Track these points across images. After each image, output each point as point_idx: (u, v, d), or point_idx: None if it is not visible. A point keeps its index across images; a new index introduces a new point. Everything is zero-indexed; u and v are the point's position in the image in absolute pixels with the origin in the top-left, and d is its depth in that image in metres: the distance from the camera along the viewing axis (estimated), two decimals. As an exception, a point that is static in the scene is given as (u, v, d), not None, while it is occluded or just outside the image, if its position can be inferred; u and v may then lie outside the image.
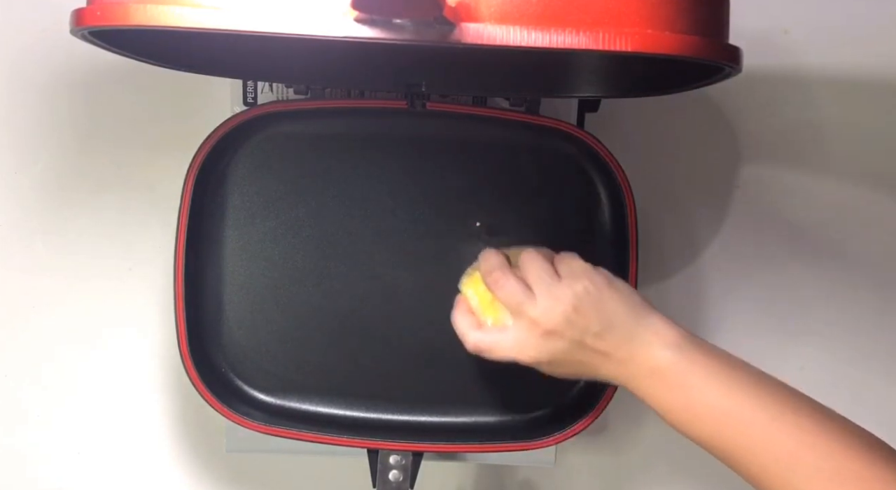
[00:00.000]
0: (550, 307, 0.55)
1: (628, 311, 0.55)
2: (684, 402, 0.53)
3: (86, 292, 0.76)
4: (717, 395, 0.52)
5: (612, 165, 0.67)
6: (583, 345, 0.55)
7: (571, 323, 0.55)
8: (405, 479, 0.65)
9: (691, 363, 0.53)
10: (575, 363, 0.56)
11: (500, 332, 0.58)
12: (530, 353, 0.56)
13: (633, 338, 0.54)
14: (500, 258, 0.60)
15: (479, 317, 0.60)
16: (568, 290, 0.55)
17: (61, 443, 0.77)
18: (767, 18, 0.75)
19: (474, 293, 0.61)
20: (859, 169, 0.77)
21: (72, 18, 0.47)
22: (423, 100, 0.66)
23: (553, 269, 0.57)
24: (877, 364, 0.79)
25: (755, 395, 0.52)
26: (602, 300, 0.55)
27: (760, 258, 0.77)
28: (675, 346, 0.53)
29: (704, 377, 0.52)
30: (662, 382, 0.53)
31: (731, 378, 0.52)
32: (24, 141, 0.74)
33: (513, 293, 0.57)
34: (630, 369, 0.54)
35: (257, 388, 0.69)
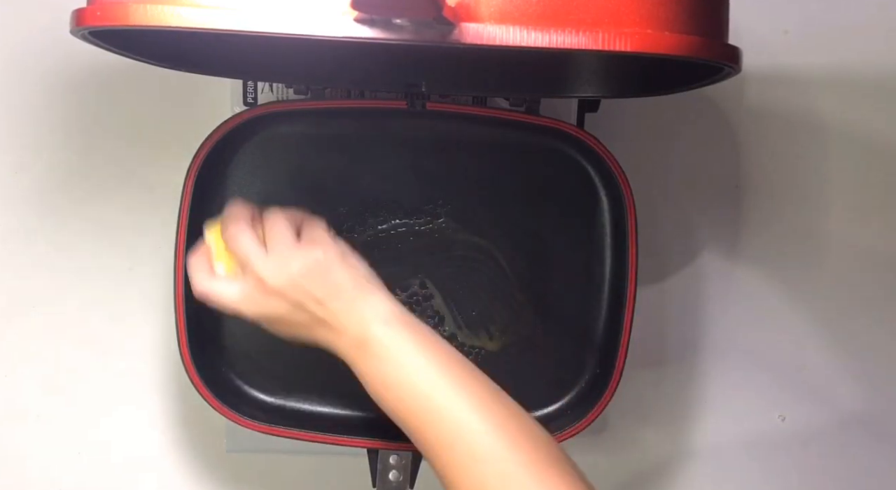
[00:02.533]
0: (278, 268, 0.56)
1: (353, 285, 0.57)
2: (382, 373, 0.55)
3: (86, 292, 0.76)
4: (409, 367, 0.55)
5: (612, 165, 0.67)
6: (303, 309, 0.56)
7: (296, 286, 0.56)
8: (405, 479, 0.65)
9: (394, 337, 0.55)
10: (294, 325, 0.58)
11: (228, 283, 0.58)
12: (251, 309, 0.58)
13: (350, 310, 0.56)
14: (246, 210, 0.60)
15: (212, 264, 0.59)
16: (301, 254, 0.57)
17: (61, 443, 0.77)
18: (767, 18, 0.75)
19: (213, 239, 0.60)
20: (859, 169, 0.77)
21: (72, 18, 0.47)
22: (423, 100, 0.66)
23: (294, 231, 0.58)
24: (877, 363, 0.79)
25: (443, 372, 0.54)
26: (331, 270, 0.57)
27: (760, 258, 0.78)
28: (385, 321, 0.56)
29: (402, 350, 0.55)
30: (367, 354, 0.55)
31: (427, 353, 0.55)
32: (24, 141, 0.74)
33: (245, 247, 0.58)
34: (343, 339, 0.56)
35: (257, 388, 0.69)
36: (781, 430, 0.79)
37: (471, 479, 0.51)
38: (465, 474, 0.51)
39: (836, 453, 0.79)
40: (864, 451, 0.79)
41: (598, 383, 0.68)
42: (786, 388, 0.79)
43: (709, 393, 0.79)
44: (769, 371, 0.79)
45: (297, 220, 0.60)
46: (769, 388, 0.79)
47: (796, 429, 0.79)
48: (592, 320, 0.69)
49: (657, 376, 0.78)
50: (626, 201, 0.66)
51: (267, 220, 0.59)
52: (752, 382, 0.78)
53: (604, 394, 0.66)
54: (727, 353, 0.78)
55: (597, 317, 0.69)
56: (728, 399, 0.78)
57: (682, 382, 0.78)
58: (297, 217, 0.60)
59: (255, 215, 0.60)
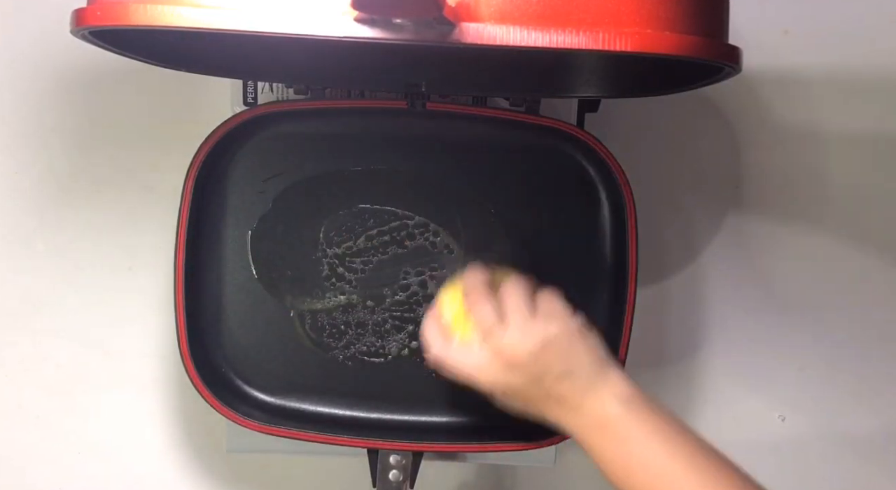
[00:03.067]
0: (519, 340, 0.56)
1: (591, 361, 0.56)
2: (624, 457, 0.54)
3: (86, 292, 0.76)
4: (655, 453, 0.53)
5: (612, 165, 0.67)
6: (540, 384, 0.56)
7: (535, 361, 0.55)
8: (405, 479, 0.65)
9: (636, 420, 0.54)
10: (529, 400, 0.57)
11: (465, 351, 0.58)
12: (488, 379, 0.57)
13: (588, 388, 0.55)
14: (484, 278, 0.60)
15: (448, 331, 0.59)
16: (541, 328, 0.56)
17: (61, 443, 0.77)
18: (767, 18, 0.75)
19: (450, 306, 0.60)
20: (859, 168, 0.77)
21: (72, 18, 0.47)
22: (423, 100, 0.66)
23: (532, 303, 0.58)
24: (877, 363, 0.79)
25: (690, 456, 0.53)
26: (570, 346, 0.56)
27: (760, 258, 0.77)
28: (625, 401, 0.55)
29: (646, 434, 0.54)
30: (606, 435, 0.54)
31: (670, 438, 0.54)
32: (24, 141, 0.74)
33: (487, 316, 0.57)
34: (579, 417, 0.55)
35: (257, 388, 0.69)
36: (781, 430, 0.79)
37: None
38: None
39: (836, 453, 0.79)
40: (864, 452, 0.79)
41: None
42: (786, 388, 0.79)
43: (708, 393, 0.79)
44: (769, 371, 0.79)
45: (531, 289, 0.59)
46: (769, 388, 0.79)
47: (796, 429, 0.79)
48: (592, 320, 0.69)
49: (657, 376, 0.78)
50: (626, 201, 0.66)
51: (505, 289, 0.58)
52: (752, 382, 0.78)
53: (604, 394, 0.66)
54: (727, 353, 0.78)
55: (597, 317, 0.69)
56: (728, 399, 0.78)
57: (681, 382, 0.78)
58: (531, 288, 0.59)
59: (490, 285, 0.60)
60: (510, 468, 0.79)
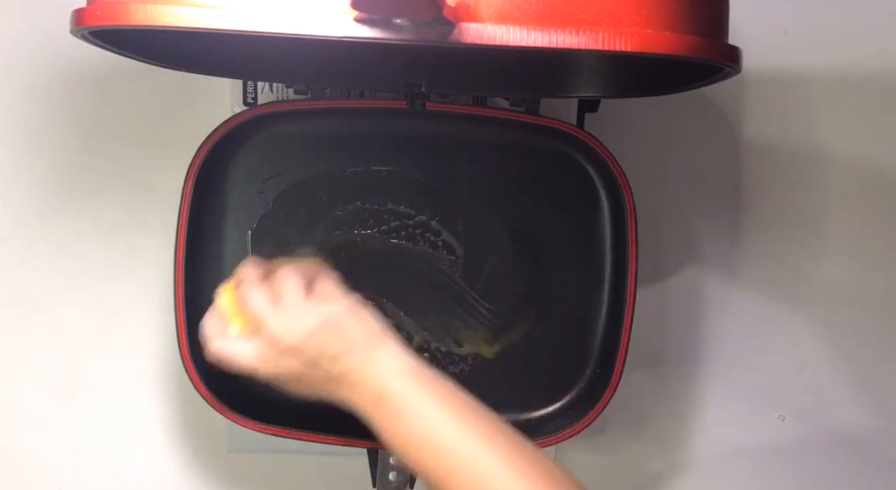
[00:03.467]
0: (291, 325, 0.55)
1: (366, 337, 0.56)
2: (402, 427, 0.54)
3: (86, 292, 0.76)
4: (429, 420, 0.53)
5: (612, 165, 0.67)
6: (317, 366, 0.55)
7: (309, 343, 0.55)
8: (405, 480, 0.65)
9: (413, 392, 0.54)
10: (311, 383, 0.56)
11: (242, 342, 0.57)
12: (267, 368, 0.57)
13: (366, 364, 0.55)
14: (257, 269, 0.60)
15: (225, 324, 0.59)
16: (313, 310, 0.56)
17: (61, 443, 0.77)
18: (767, 18, 0.74)
19: (226, 300, 0.59)
20: (859, 169, 0.77)
21: (72, 18, 0.47)
22: (423, 100, 0.66)
23: (304, 286, 0.57)
24: (876, 363, 0.79)
25: (463, 421, 0.53)
26: (344, 325, 0.56)
27: (760, 258, 0.77)
28: (402, 374, 0.54)
29: (421, 403, 0.54)
30: (385, 408, 0.54)
31: (446, 405, 0.54)
32: (24, 141, 0.74)
33: (257, 306, 0.57)
34: (359, 394, 0.55)
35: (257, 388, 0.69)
36: (781, 430, 0.79)
37: None
38: None
39: (837, 454, 0.79)
40: (864, 452, 0.79)
41: (598, 383, 0.68)
42: (786, 389, 0.79)
43: (708, 393, 0.78)
44: (769, 372, 0.78)
45: (309, 274, 0.59)
46: (769, 388, 0.79)
47: (796, 429, 0.79)
48: (592, 321, 0.69)
49: (657, 377, 0.78)
50: (626, 201, 0.66)
51: (279, 276, 0.58)
52: (752, 383, 0.78)
53: (604, 394, 0.66)
54: (727, 354, 0.78)
55: (597, 317, 0.69)
56: (728, 400, 0.78)
57: (681, 383, 0.78)
58: (309, 271, 0.59)
59: (267, 273, 0.59)
60: (510, 468, 0.79)
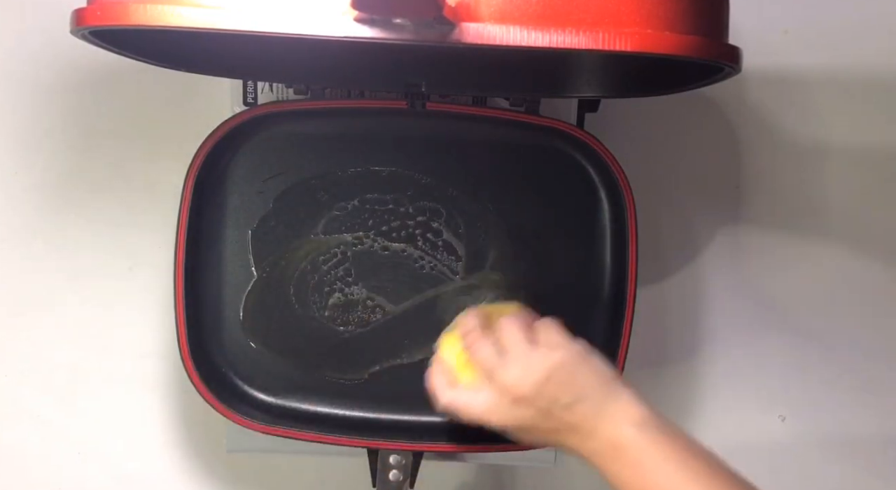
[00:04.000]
0: (522, 375, 0.55)
1: (599, 385, 0.55)
2: (640, 481, 0.53)
3: (86, 292, 0.76)
4: (671, 478, 0.52)
5: (612, 165, 0.67)
6: (550, 415, 0.55)
7: (541, 393, 0.55)
8: (405, 479, 0.65)
9: (651, 443, 0.53)
10: (543, 432, 0.56)
11: (473, 393, 0.57)
12: (499, 418, 0.56)
13: (599, 412, 0.54)
14: (478, 320, 0.60)
15: (453, 376, 0.59)
16: (542, 359, 0.56)
17: (61, 443, 0.77)
18: (767, 18, 0.75)
19: (451, 352, 0.60)
20: (859, 168, 0.77)
21: (72, 18, 0.47)
22: (423, 100, 0.66)
23: (530, 335, 0.57)
24: (876, 362, 0.79)
25: (706, 481, 0.52)
26: (575, 373, 0.55)
27: (760, 258, 0.77)
28: (639, 424, 0.54)
29: (662, 459, 0.53)
30: (621, 459, 0.53)
31: (687, 463, 0.53)
32: (23, 141, 0.74)
33: (487, 357, 0.57)
34: (594, 443, 0.54)
35: (257, 388, 0.69)
36: (781, 430, 0.79)
37: None
38: None
39: (837, 453, 0.79)
40: (864, 452, 0.79)
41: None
42: (786, 388, 0.79)
43: (709, 393, 0.78)
44: (769, 371, 0.78)
45: (529, 320, 0.59)
46: (769, 388, 0.79)
47: (796, 429, 0.79)
48: (592, 321, 0.69)
49: (657, 376, 0.78)
50: (626, 201, 0.66)
51: (502, 325, 0.58)
52: (752, 382, 0.78)
53: (604, 394, 0.66)
54: (727, 354, 0.78)
55: (597, 317, 0.69)
56: (728, 399, 0.78)
57: (682, 383, 0.78)
58: (528, 320, 0.59)
59: (486, 322, 0.59)
60: (510, 468, 0.79)
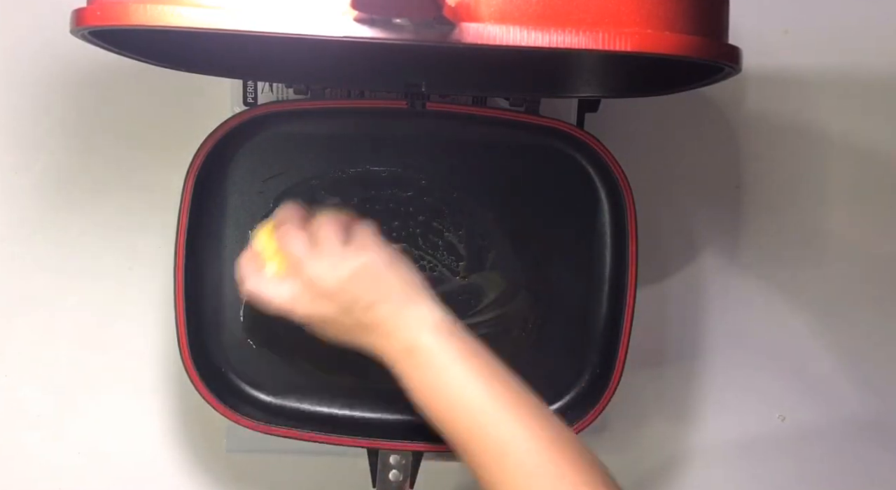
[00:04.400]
0: (328, 271, 0.57)
1: (401, 290, 0.57)
2: (428, 382, 0.55)
3: (86, 292, 0.76)
4: (457, 379, 0.54)
5: (612, 165, 0.67)
6: (351, 313, 0.56)
7: (344, 290, 0.56)
8: (405, 479, 0.65)
9: (442, 347, 0.55)
10: (342, 328, 0.58)
11: (277, 283, 0.58)
12: (300, 311, 0.58)
13: (398, 316, 0.56)
14: (298, 212, 0.61)
15: (261, 264, 0.60)
16: (350, 258, 0.57)
17: (61, 443, 0.77)
18: (767, 18, 0.75)
19: (262, 241, 0.61)
20: (859, 168, 0.77)
21: (72, 18, 0.47)
22: (423, 100, 0.66)
23: (344, 234, 0.58)
24: (877, 362, 0.79)
25: (490, 384, 0.54)
26: (380, 276, 0.57)
27: (760, 258, 0.78)
28: (433, 329, 0.56)
29: (450, 360, 0.55)
30: (414, 361, 0.55)
31: (474, 366, 0.55)
32: (23, 141, 0.74)
33: (296, 248, 0.58)
34: (390, 344, 0.56)
35: (257, 388, 0.69)
36: (781, 430, 0.79)
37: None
38: (513, 488, 0.51)
39: (837, 453, 0.79)
40: (865, 451, 0.79)
41: (598, 383, 0.68)
42: (786, 388, 0.79)
43: (709, 393, 0.79)
44: (769, 371, 0.78)
45: (347, 224, 0.60)
46: (769, 388, 0.79)
47: (796, 429, 0.79)
48: (592, 320, 0.69)
49: (657, 376, 0.78)
50: (626, 201, 0.66)
51: (319, 221, 0.59)
52: (752, 382, 0.78)
53: (604, 394, 0.66)
54: (727, 353, 0.78)
55: (597, 317, 0.69)
56: (728, 399, 0.78)
57: (682, 382, 0.78)
58: (347, 221, 0.60)
59: (305, 218, 0.60)
60: (510, 468, 0.79)
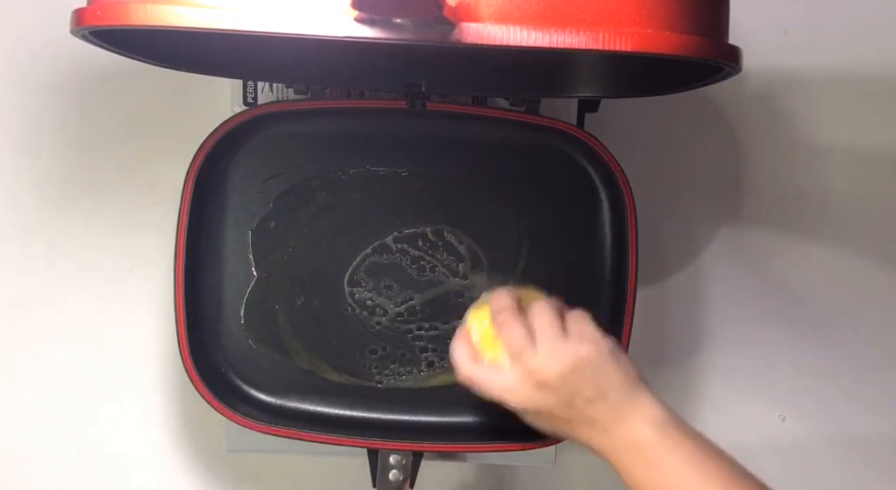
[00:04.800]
0: (550, 362, 0.56)
1: (623, 383, 0.56)
2: (656, 483, 0.53)
3: (86, 292, 0.76)
4: (688, 481, 0.53)
5: (612, 165, 0.67)
6: (571, 406, 0.55)
7: (566, 382, 0.55)
8: (405, 479, 0.65)
9: (671, 445, 0.54)
10: (559, 421, 0.57)
11: (495, 371, 0.58)
12: (519, 400, 0.57)
13: (620, 410, 0.55)
14: (512, 300, 0.60)
15: (477, 351, 0.59)
16: (572, 349, 0.56)
17: (61, 443, 0.77)
18: (767, 18, 0.75)
19: (478, 327, 0.60)
20: (859, 168, 0.77)
21: (72, 18, 0.47)
22: (423, 100, 0.66)
23: (561, 323, 0.58)
24: (877, 362, 0.79)
25: (721, 480, 0.52)
26: (602, 368, 0.56)
27: (760, 258, 0.78)
28: (659, 425, 0.54)
29: (681, 461, 0.53)
30: (640, 459, 0.54)
31: (706, 466, 0.53)
32: (23, 141, 0.74)
33: (517, 338, 0.57)
34: (611, 440, 0.55)
35: (257, 388, 0.69)
36: (781, 430, 0.79)
37: None
38: None
39: (837, 454, 0.79)
40: (864, 451, 0.79)
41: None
42: (786, 388, 0.79)
43: (709, 393, 0.79)
44: (769, 371, 0.79)
45: (560, 309, 0.59)
46: (769, 388, 0.79)
47: (796, 429, 0.79)
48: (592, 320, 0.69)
49: (657, 376, 0.78)
50: (626, 201, 0.66)
51: (535, 310, 0.58)
52: (752, 382, 0.78)
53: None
54: (727, 354, 0.78)
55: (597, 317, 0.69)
56: (728, 399, 0.78)
57: (682, 382, 0.78)
58: (560, 306, 0.59)
59: (519, 303, 0.59)
60: (510, 468, 0.79)
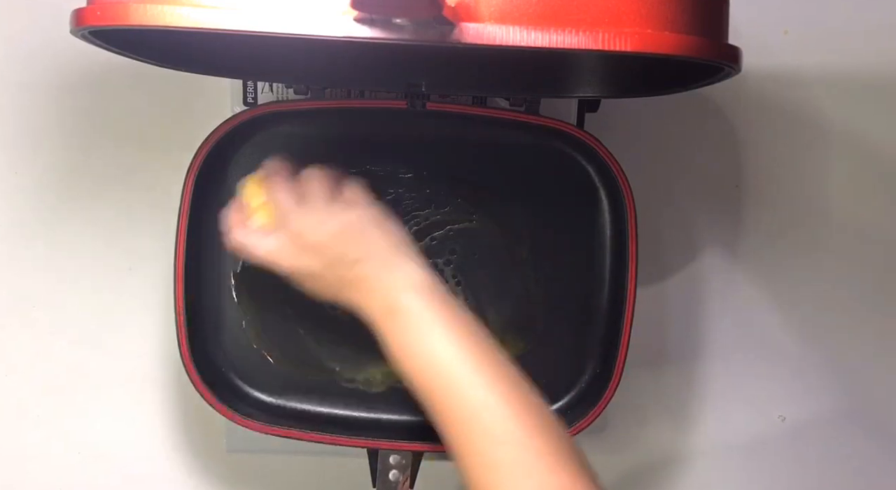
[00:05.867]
0: (316, 224, 0.57)
1: (388, 249, 0.57)
2: (406, 342, 0.55)
3: (86, 292, 0.76)
4: (434, 341, 0.54)
5: (612, 165, 0.67)
6: (335, 268, 0.57)
7: (330, 245, 0.57)
8: (405, 479, 0.65)
9: (423, 308, 0.55)
10: (326, 283, 0.58)
11: (262, 235, 0.59)
12: (286, 262, 0.58)
13: (382, 274, 0.56)
14: (285, 166, 0.61)
15: (247, 215, 0.60)
16: (338, 213, 0.57)
17: (61, 443, 0.77)
18: (767, 18, 0.75)
19: (249, 194, 0.61)
20: (859, 168, 0.77)
21: (72, 18, 0.47)
22: (423, 100, 0.66)
23: (333, 189, 0.59)
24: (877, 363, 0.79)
25: (467, 348, 0.54)
26: (366, 232, 0.57)
27: (760, 258, 0.78)
28: (416, 289, 0.55)
29: (429, 322, 0.54)
30: (393, 320, 0.55)
31: (453, 329, 0.54)
32: (24, 141, 0.74)
33: (284, 200, 0.58)
34: (371, 302, 0.56)
35: (257, 388, 0.69)
36: (781, 430, 0.79)
37: (483, 458, 0.51)
38: (479, 453, 0.51)
39: (836, 453, 0.79)
40: (864, 451, 0.79)
41: (598, 383, 0.68)
42: (786, 388, 0.79)
43: (709, 393, 0.79)
44: (769, 371, 0.79)
45: (335, 179, 0.60)
46: (769, 388, 0.79)
47: (796, 429, 0.79)
48: (592, 320, 0.69)
49: (657, 376, 0.78)
50: (626, 201, 0.66)
51: (307, 174, 0.59)
52: (753, 382, 0.79)
53: (604, 394, 0.66)
54: (727, 353, 0.78)
55: (597, 317, 0.69)
56: (728, 399, 0.79)
57: (682, 382, 0.78)
58: (335, 177, 0.60)
59: (293, 172, 0.60)
60: (510, 468, 0.79)
